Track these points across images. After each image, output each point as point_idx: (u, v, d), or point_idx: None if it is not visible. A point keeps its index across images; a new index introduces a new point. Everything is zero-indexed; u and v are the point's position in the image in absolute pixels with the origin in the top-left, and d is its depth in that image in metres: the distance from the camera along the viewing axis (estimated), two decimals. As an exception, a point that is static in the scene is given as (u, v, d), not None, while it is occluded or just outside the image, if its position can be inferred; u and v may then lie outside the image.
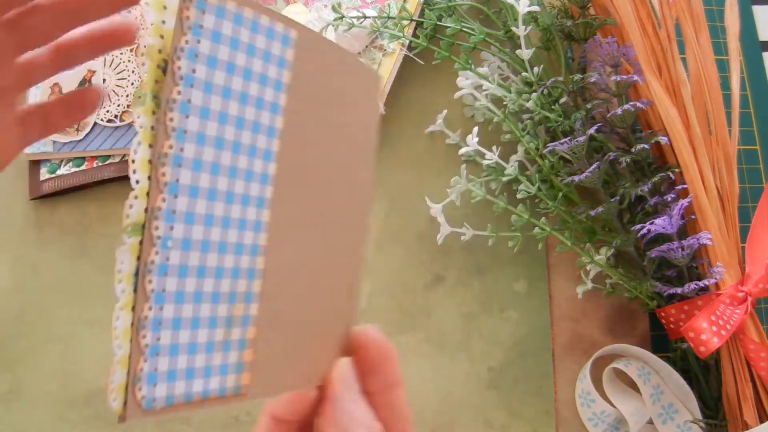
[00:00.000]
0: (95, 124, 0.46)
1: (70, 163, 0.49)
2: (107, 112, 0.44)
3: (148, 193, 0.17)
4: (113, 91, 0.43)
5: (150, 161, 0.17)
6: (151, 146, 0.17)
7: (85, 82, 0.41)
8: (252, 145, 0.20)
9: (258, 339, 0.20)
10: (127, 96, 0.44)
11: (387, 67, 0.47)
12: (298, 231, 0.21)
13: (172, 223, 0.18)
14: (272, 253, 0.20)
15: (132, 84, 0.43)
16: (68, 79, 0.43)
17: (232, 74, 0.19)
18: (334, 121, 0.22)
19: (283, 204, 0.20)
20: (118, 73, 0.42)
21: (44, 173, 0.49)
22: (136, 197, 0.17)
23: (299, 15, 0.48)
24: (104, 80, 0.42)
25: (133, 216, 0.17)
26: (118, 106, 0.44)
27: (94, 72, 0.41)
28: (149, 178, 0.17)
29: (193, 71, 0.18)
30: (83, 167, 0.48)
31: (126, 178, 0.49)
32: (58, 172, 0.49)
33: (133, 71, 0.42)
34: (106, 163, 0.48)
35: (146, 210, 0.17)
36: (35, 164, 0.49)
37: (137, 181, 0.17)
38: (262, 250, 0.20)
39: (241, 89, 0.19)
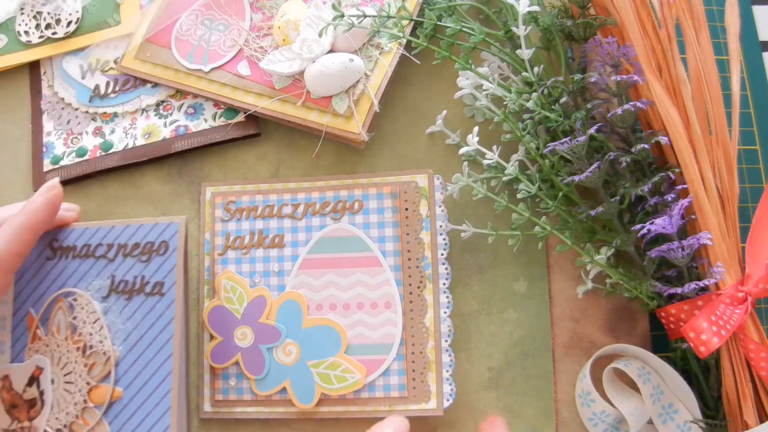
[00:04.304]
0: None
1: (73, 153, 0.49)
2: (57, 419, 0.40)
3: None
4: (61, 395, 0.40)
5: None
6: None
7: (33, 379, 0.40)
8: None
9: None
10: (75, 404, 0.40)
11: (384, 65, 0.47)
12: None
13: None
14: None
15: (80, 391, 0.40)
16: (18, 373, 0.41)
17: None
18: None
19: None
20: (65, 375, 0.40)
21: (47, 164, 0.49)
22: None
23: (298, 11, 0.48)
24: (52, 380, 0.41)
25: None
26: (67, 414, 0.40)
27: (42, 369, 0.41)
28: None
29: None
30: (86, 157, 0.49)
31: (128, 167, 0.49)
32: (62, 163, 0.49)
33: (80, 375, 0.40)
34: (110, 152, 0.49)
35: None
36: (38, 156, 0.50)
37: None
38: None
39: None
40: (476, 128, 0.44)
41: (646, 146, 0.42)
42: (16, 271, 0.41)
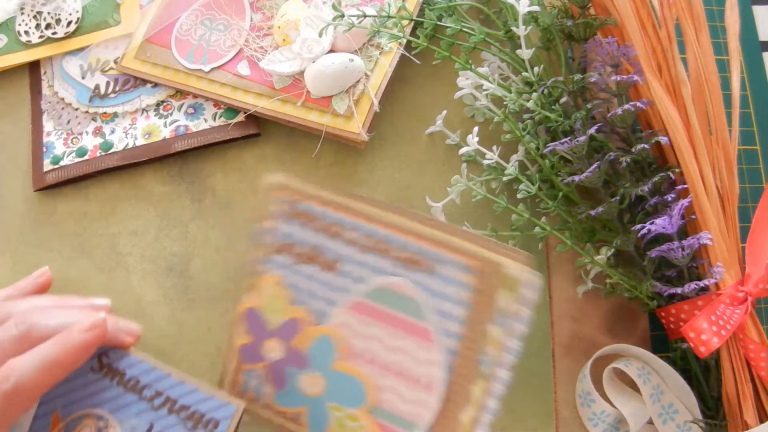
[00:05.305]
0: None
1: (73, 153, 0.49)
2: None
3: None
4: None
5: None
6: None
7: None
8: None
9: None
10: None
11: (384, 65, 0.47)
12: None
13: None
14: None
15: None
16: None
17: None
18: None
19: None
20: None
21: (47, 164, 0.49)
22: None
23: (298, 11, 0.48)
24: None
25: None
26: None
27: None
28: None
29: None
30: (87, 157, 0.49)
31: (128, 167, 0.49)
32: (62, 163, 0.49)
33: None
34: (110, 152, 0.49)
35: None
36: (38, 156, 0.50)
37: None
38: None
39: None
40: (476, 128, 0.44)
41: (646, 146, 0.42)
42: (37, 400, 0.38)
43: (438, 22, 0.46)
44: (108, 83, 0.51)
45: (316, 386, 0.40)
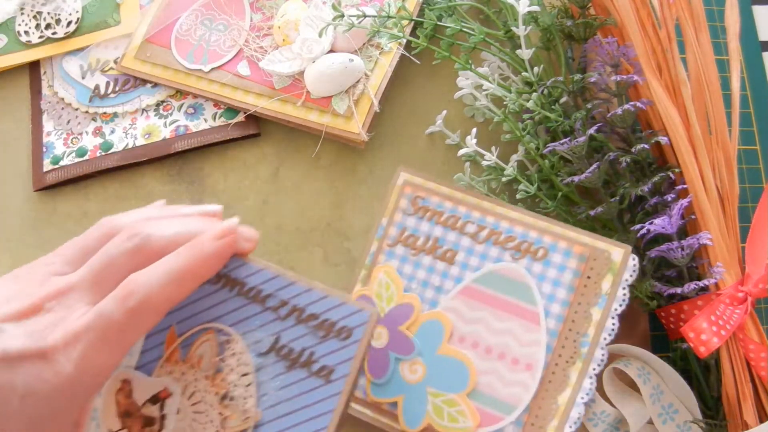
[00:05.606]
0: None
1: (73, 153, 0.49)
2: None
3: None
4: (189, 426, 0.35)
5: None
6: None
7: (158, 399, 0.36)
8: None
9: None
10: None
11: (384, 65, 0.47)
12: None
13: None
14: None
15: (211, 422, 0.35)
16: (142, 385, 0.36)
17: None
18: None
19: None
20: (195, 413, 0.35)
21: (47, 164, 0.49)
22: None
23: (298, 11, 0.48)
24: (178, 410, 0.35)
25: None
26: None
27: (171, 394, 0.36)
28: None
29: None
30: (87, 157, 0.49)
31: (128, 167, 0.49)
32: (61, 163, 0.49)
33: (211, 421, 0.35)
34: (110, 152, 0.49)
35: None
36: (38, 156, 0.50)
37: None
38: None
39: None
40: (474, 130, 0.45)
41: (646, 146, 0.42)
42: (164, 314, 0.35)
43: (438, 22, 0.46)
44: (108, 83, 0.51)
45: (417, 372, 0.40)
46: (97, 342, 0.30)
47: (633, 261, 0.40)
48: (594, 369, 0.39)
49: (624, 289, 0.40)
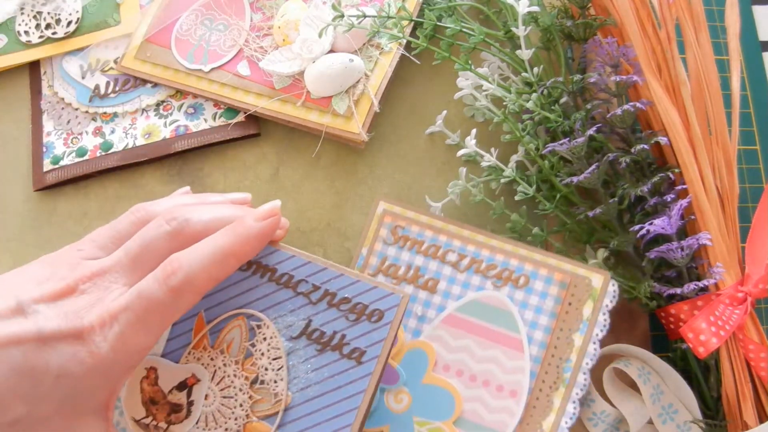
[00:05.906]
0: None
1: (73, 153, 0.49)
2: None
3: None
4: (212, 415, 0.36)
5: None
6: None
7: (185, 386, 0.36)
8: None
9: None
10: (227, 430, 0.36)
11: (384, 66, 0.47)
12: None
13: None
14: None
15: (236, 420, 0.36)
16: (168, 372, 0.37)
17: None
18: None
19: None
20: (224, 398, 0.36)
21: (47, 164, 0.49)
22: None
23: (298, 11, 0.48)
24: (206, 396, 0.36)
25: None
26: (226, 431, 0.36)
27: (199, 380, 0.36)
28: None
29: None
30: (87, 157, 0.49)
31: (128, 167, 0.49)
32: (62, 163, 0.49)
33: (241, 405, 0.36)
34: (110, 152, 0.49)
35: None
36: (38, 156, 0.50)
37: None
38: None
39: None
40: (474, 130, 0.45)
41: (645, 146, 0.42)
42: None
43: (438, 23, 0.46)
44: (108, 83, 0.51)
45: (403, 401, 0.41)
46: (135, 322, 0.30)
47: (613, 287, 0.41)
48: (577, 393, 0.40)
49: (604, 314, 0.41)
